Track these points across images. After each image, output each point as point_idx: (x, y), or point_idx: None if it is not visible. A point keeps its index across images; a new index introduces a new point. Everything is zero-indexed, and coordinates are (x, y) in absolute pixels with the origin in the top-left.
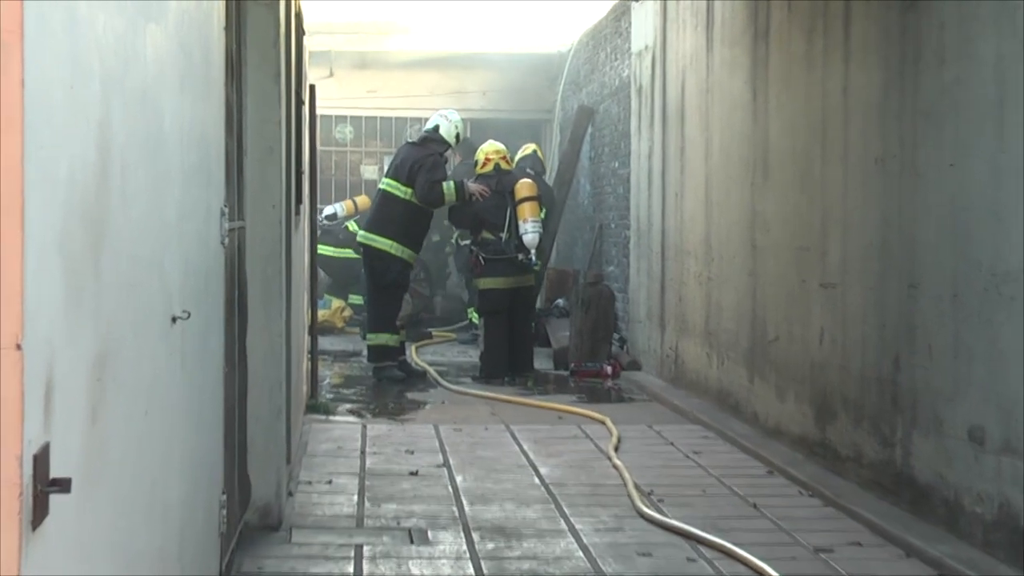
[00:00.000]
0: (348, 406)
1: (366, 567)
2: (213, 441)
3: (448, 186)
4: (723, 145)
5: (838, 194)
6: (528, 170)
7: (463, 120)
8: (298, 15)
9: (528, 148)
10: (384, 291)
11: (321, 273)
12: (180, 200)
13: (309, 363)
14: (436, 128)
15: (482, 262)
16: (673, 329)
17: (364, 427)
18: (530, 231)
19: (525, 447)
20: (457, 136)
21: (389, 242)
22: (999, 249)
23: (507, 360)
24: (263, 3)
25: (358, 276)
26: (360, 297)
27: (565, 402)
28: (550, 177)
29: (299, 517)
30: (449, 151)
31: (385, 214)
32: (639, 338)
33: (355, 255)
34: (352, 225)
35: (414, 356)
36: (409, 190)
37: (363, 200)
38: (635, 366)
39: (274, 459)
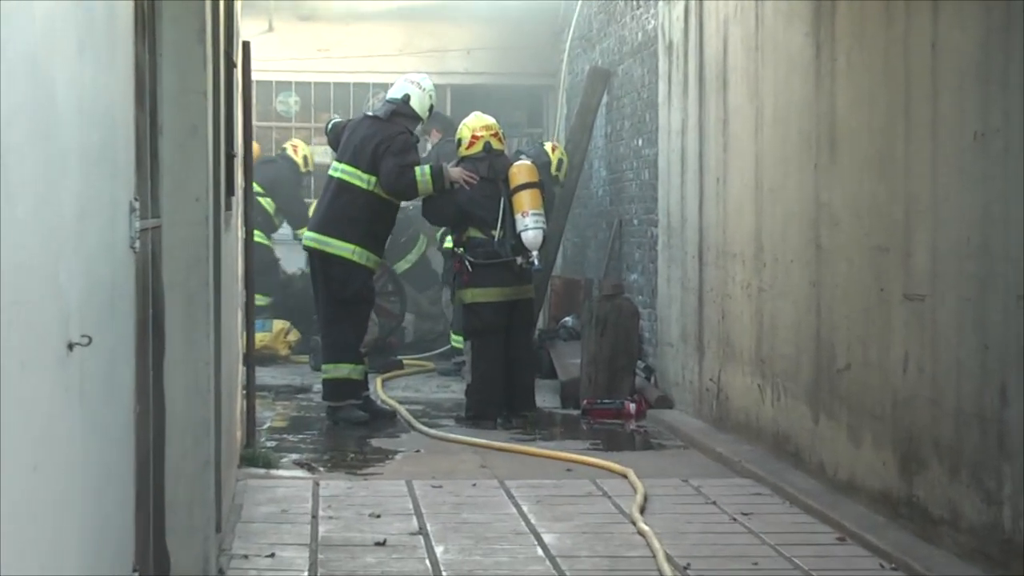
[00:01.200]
0: (295, 457)
1: None
2: (121, 502)
3: (423, 172)
4: (777, 116)
5: (926, 179)
6: (519, 153)
7: (436, 88)
8: None
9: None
10: (344, 308)
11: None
12: (79, 193)
13: (244, 401)
14: (406, 98)
15: (469, 268)
16: (714, 355)
17: (316, 484)
18: (531, 227)
19: (525, 508)
20: (430, 108)
21: (350, 247)
22: None
23: (501, 396)
24: None
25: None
26: (266, 297)
27: (576, 450)
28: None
29: None
30: (420, 127)
31: (341, 210)
32: (670, 367)
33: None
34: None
35: (380, 392)
36: (372, 178)
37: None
38: (665, 403)
39: (200, 526)
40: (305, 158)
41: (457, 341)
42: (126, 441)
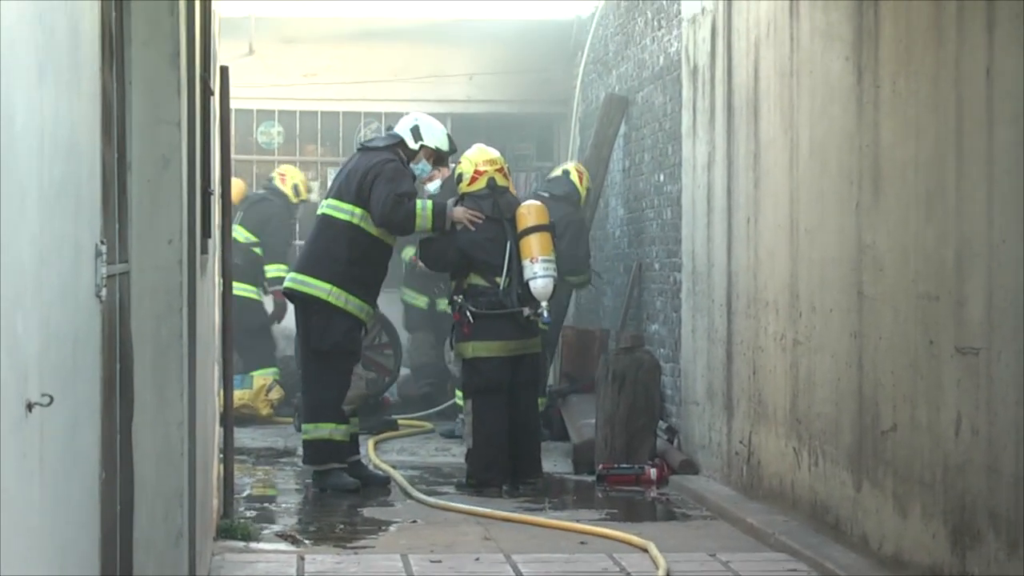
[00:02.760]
0: (277, 528)
1: None
2: None
3: (424, 205)
4: (814, 149)
5: (980, 219)
6: (541, 192)
7: (436, 117)
8: None
9: (564, 168)
10: (324, 361)
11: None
12: (38, 235)
13: (221, 466)
14: (416, 130)
15: (470, 319)
16: (744, 415)
17: (301, 559)
18: (540, 275)
19: None
20: (450, 141)
21: (327, 287)
22: None
23: (506, 460)
24: None
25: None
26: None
27: (591, 521)
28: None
29: None
30: (426, 167)
31: (323, 247)
32: (696, 428)
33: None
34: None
35: (373, 455)
36: (358, 210)
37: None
38: (690, 468)
39: None
40: (296, 187)
41: (461, 398)
42: (90, 511)
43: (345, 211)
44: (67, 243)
